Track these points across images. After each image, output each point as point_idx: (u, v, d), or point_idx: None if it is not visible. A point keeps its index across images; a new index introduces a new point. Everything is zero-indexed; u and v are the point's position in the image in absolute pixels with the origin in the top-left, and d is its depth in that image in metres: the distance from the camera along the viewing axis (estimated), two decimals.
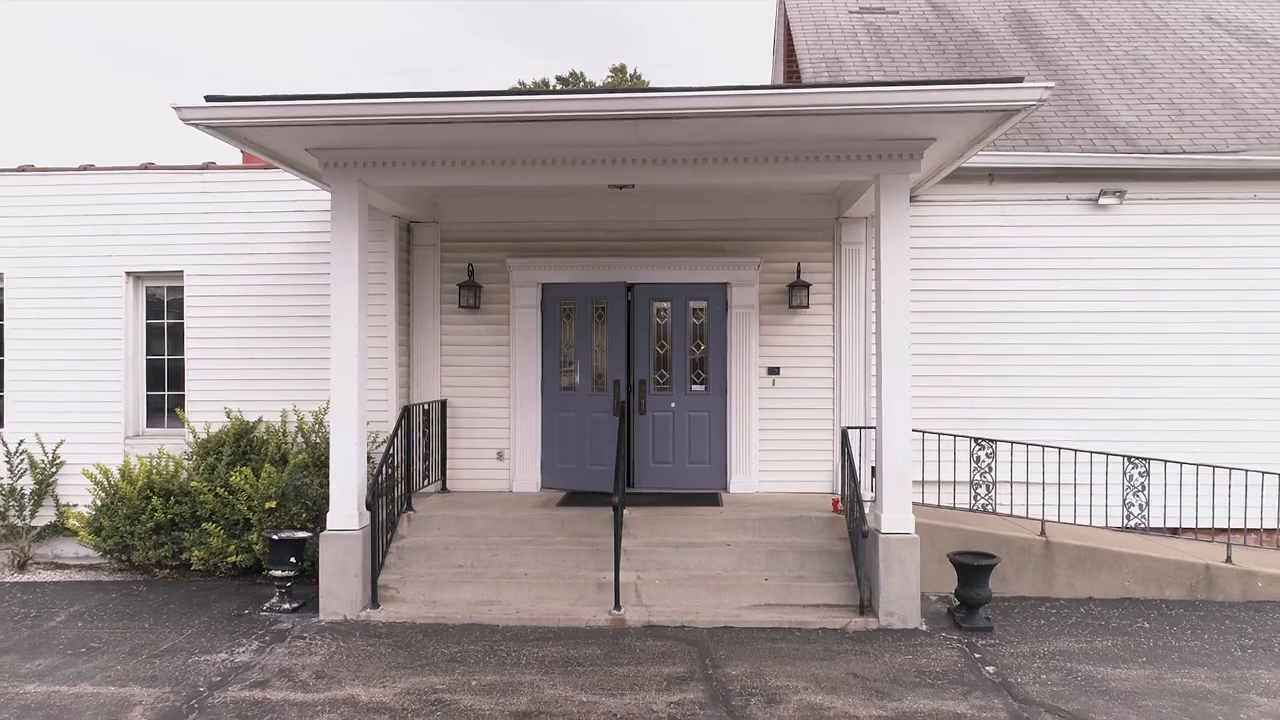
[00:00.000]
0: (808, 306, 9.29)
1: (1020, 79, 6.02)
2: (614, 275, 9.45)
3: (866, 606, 7.22)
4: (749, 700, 5.58)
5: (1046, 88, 5.98)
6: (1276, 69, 10.35)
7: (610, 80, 42.92)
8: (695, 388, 9.55)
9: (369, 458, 8.02)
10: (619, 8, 60.53)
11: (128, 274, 9.36)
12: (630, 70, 43.42)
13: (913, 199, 9.10)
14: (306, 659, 6.36)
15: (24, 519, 9.11)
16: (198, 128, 6.43)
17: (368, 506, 7.43)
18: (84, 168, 9.41)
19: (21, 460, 9.16)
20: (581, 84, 43.64)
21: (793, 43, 11.82)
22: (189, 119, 6.31)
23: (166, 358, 9.54)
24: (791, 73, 12.60)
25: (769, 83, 16.54)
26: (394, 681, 5.90)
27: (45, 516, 9.22)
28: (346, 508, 7.33)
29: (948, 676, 6.03)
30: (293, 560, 7.55)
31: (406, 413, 8.39)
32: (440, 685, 5.83)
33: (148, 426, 9.53)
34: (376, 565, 7.49)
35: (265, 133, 6.72)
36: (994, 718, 5.34)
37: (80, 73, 59.94)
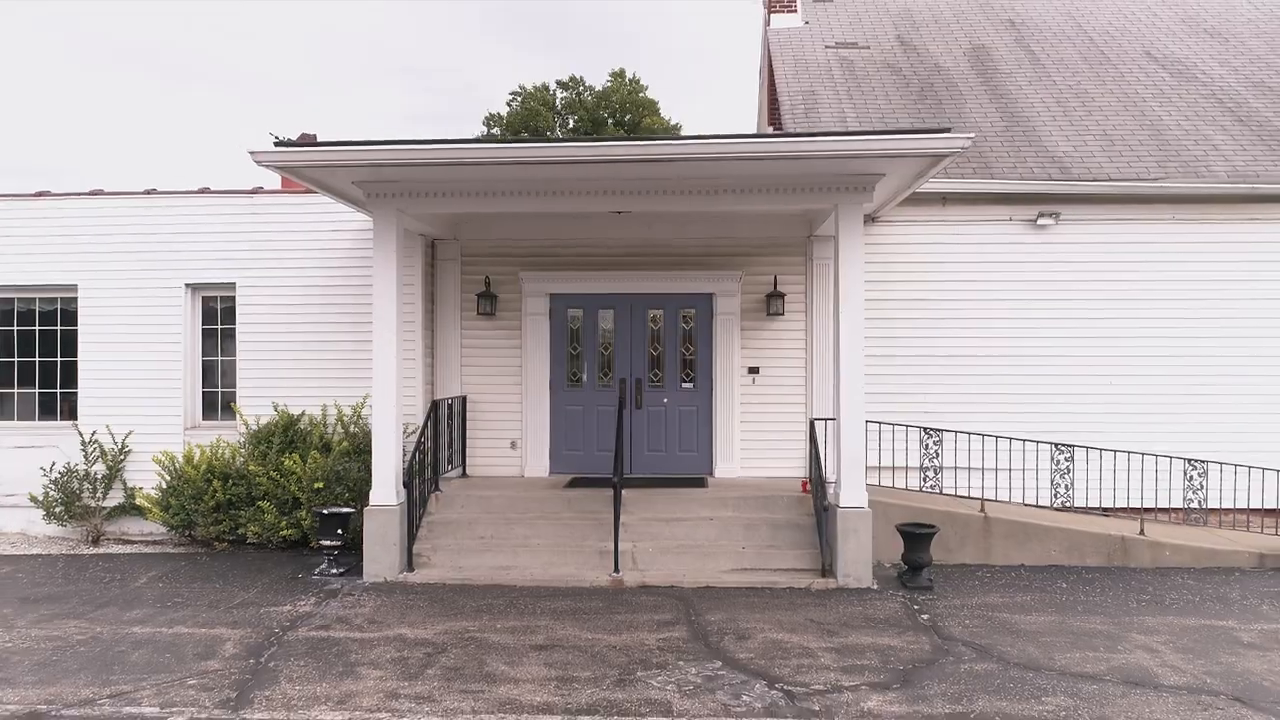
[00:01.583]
0: (783, 314, 10.60)
1: (947, 129, 7.33)
2: (614, 286, 10.75)
3: (827, 570, 8.52)
4: (723, 638, 6.88)
5: (968, 137, 7.29)
6: (1200, 103, 11.65)
7: (609, 85, 44.21)
8: (685, 385, 10.86)
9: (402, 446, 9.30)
10: (618, 7, 61.75)
11: (186, 285, 10.65)
12: (629, 75, 44.70)
13: (876, 219, 10.44)
14: (358, 609, 7.67)
15: (96, 500, 10.40)
16: (268, 167, 7.72)
17: (404, 486, 8.74)
18: (148, 192, 10.71)
19: (94, 449, 10.44)
20: (581, 87, 44.96)
21: (774, 73, 13.12)
22: (261, 161, 7.60)
23: (220, 358, 10.84)
24: (774, 99, 13.87)
25: (757, 103, 17.85)
26: (433, 625, 7.19)
27: (114, 498, 10.51)
28: (386, 487, 8.63)
29: (888, 621, 7.33)
30: (339, 532, 8.85)
31: (434, 407, 9.69)
32: (471, 627, 7.12)
33: (203, 419, 10.82)
34: (411, 536, 8.80)
35: (321, 171, 8.02)
36: (920, 648, 6.65)
37: (80, 72, 61.20)
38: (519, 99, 43.23)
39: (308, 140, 12.59)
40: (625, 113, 43.51)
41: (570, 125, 43.39)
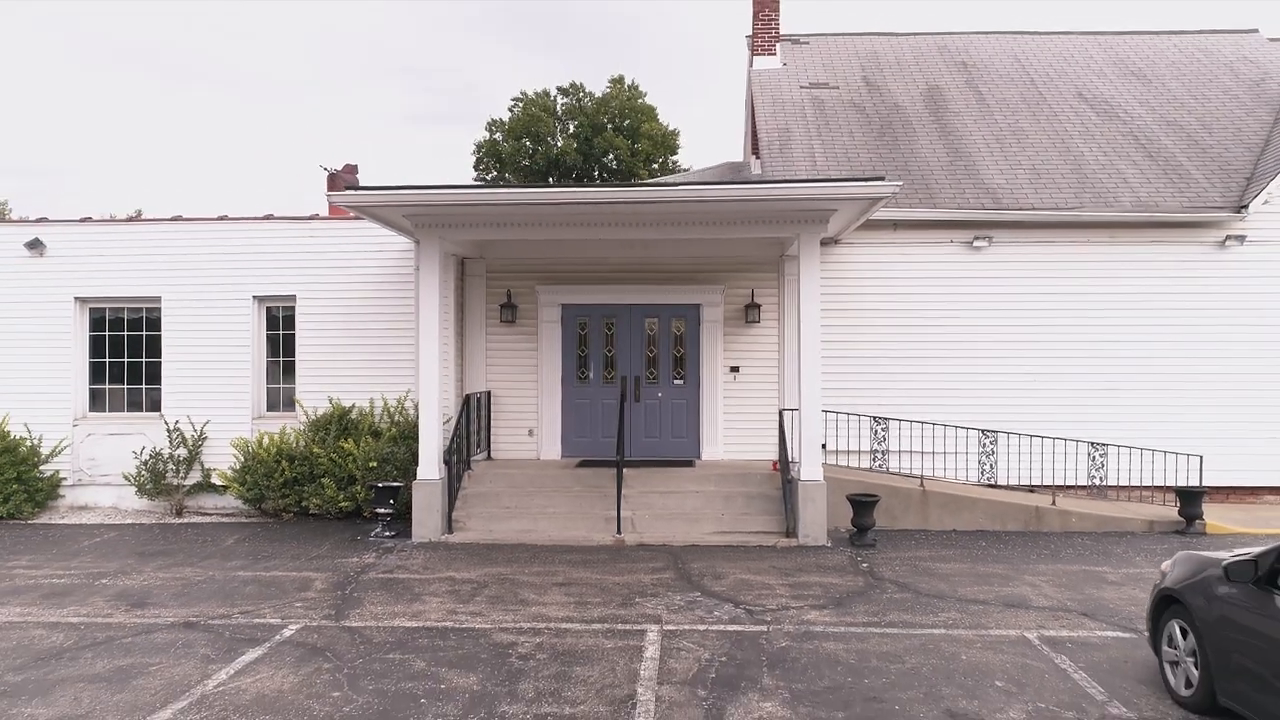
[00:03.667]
0: (759, 322, 12.53)
1: (881, 177, 9.25)
2: (616, 298, 12.69)
3: (791, 532, 10.45)
4: (703, 578, 8.80)
5: (897, 185, 9.22)
6: (1118, 140, 13.58)
7: (609, 91, 46.06)
8: (676, 381, 12.79)
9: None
10: (618, 7, 63.47)
11: (254, 297, 12.55)
12: (628, 81, 46.54)
13: (838, 242, 12.36)
14: (412, 560, 9.59)
15: (179, 479, 12.32)
16: (342, 206, 9.64)
17: (445, 463, 10.66)
18: (221, 217, 12.62)
19: (177, 436, 12.34)
20: (581, 92, 46.76)
21: (755, 110, 15.03)
22: (337, 202, 9.53)
23: (281, 359, 12.75)
24: (756, 131, 15.77)
25: (744, 130, 19.78)
26: (474, 570, 9.12)
27: (193, 478, 12.41)
28: (431, 464, 10.56)
29: (835, 568, 9.27)
30: (391, 502, 10.77)
31: (466, 400, 11.61)
32: (505, 572, 9.05)
33: (267, 411, 12.74)
34: (450, 505, 10.72)
35: (382, 209, 9.93)
36: (855, 584, 8.58)
37: (80, 72, 62.89)
38: (520, 104, 44.84)
39: (351, 170, 14.56)
40: (624, 118, 45.04)
41: (570, 130, 45.06)
